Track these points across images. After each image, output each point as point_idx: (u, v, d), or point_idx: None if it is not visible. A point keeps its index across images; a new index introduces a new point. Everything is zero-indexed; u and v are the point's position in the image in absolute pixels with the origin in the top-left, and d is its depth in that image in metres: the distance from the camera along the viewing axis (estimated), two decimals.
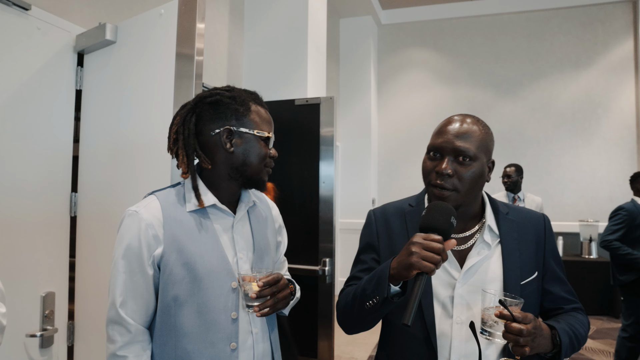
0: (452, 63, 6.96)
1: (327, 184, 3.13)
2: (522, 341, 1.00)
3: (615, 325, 5.15)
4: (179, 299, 1.16)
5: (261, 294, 1.16)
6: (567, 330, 1.12)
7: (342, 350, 4.39)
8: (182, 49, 1.66)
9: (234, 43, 3.85)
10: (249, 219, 1.34)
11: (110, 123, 1.88)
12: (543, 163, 6.47)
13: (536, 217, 1.28)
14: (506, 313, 1.01)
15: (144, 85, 1.80)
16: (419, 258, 0.99)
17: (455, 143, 1.14)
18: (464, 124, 1.16)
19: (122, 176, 1.83)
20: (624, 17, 6.36)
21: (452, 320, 1.15)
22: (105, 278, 1.85)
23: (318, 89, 3.94)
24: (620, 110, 6.28)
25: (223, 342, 1.18)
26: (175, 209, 1.22)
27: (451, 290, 1.16)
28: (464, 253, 1.19)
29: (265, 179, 1.28)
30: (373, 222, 1.31)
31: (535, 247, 1.23)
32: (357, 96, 6.80)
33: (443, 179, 1.13)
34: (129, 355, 1.15)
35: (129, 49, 1.85)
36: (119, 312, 1.16)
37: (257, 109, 1.28)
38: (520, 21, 6.71)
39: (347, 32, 6.95)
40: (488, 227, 1.20)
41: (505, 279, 1.16)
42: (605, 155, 6.30)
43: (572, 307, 1.24)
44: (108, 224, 1.83)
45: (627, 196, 6.15)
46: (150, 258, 1.17)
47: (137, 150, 1.78)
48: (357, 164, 6.72)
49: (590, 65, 6.42)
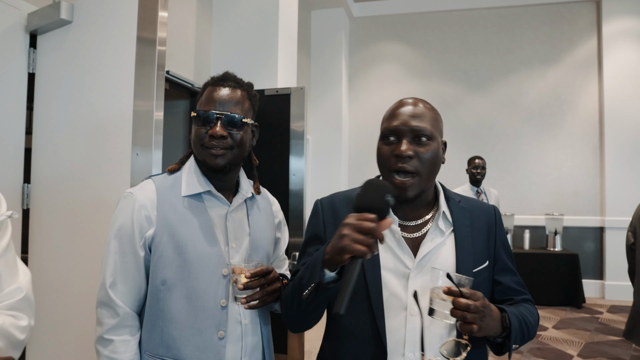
0: (424, 57, 6.98)
1: (297, 176, 3.07)
2: (469, 317, 0.97)
3: (578, 316, 5.30)
4: (168, 282, 1.14)
5: (249, 286, 1.13)
6: (517, 315, 1.11)
7: (312, 345, 4.34)
8: (144, 33, 1.56)
9: (202, 31, 3.72)
10: (247, 210, 1.30)
11: (67, 109, 1.76)
12: (511, 157, 6.58)
13: (487, 208, 1.27)
14: (455, 289, 0.99)
15: (103, 70, 1.69)
16: (350, 240, 0.93)
17: (412, 123, 1.11)
18: (417, 105, 1.14)
19: (79, 166, 1.71)
20: (588, 16, 6.51)
21: (407, 312, 1.09)
22: (62, 276, 1.73)
23: (289, 80, 3.85)
24: (585, 106, 6.44)
25: (211, 329, 1.15)
26: (170, 192, 1.20)
27: (405, 281, 1.11)
28: (418, 241, 1.15)
29: (210, 162, 1.19)
30: (320, 212, 1.25)
31: (487, 236, 1.21)
32: (329, 89, 6.74)
33: (404, 161, 1.09)
34: (116, 339, 1.12)
35: (86, 29, 1.73)
36: (108, 293, 1.14)
37: (208, 91, 1.24)
38: (491, 17, 6.78)
39: (319, 24, 6.87)
40: (442, 214, 1.17)
41: (457, 265, 1.14)
42: (571, 150, 6.45)
43: (522, 298, 1.23)
44: (64, 216, 1.71)
45: (591, 191, 6.35)
46: (141, 239, 1.16)
47: (96, 138, 1.67)
48: (328, 157, 6.67)
49: (557, 62, 6.55)
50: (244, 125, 1.22)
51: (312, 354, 4.35)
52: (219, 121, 1.18)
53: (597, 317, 5.28)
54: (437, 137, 1.13)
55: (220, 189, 1.25)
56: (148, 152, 1.55)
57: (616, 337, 4.59)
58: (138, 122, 1.58)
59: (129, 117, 1.60)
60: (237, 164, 1.25)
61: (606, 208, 6.17)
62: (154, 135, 1.57)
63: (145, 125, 1.57)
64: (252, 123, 1.28)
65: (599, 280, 6.26)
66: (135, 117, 1.57)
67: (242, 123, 1.21)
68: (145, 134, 1.57)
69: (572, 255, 5.76)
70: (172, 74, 2.89)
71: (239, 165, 1.28)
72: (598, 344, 4.41)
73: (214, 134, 1.17)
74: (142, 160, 1.57)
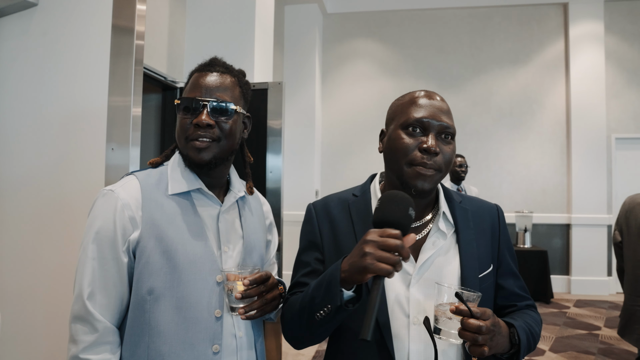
0: (397, 55, 6.99)
1: (274, 174, 3.01)
2: (480, 340, 0.89)
3: (547, 311, 5.43)
4: (155, 291, 1.01)
5: (247, 294, 1.01)
6: (525, 329, 1.05)
7: (288, 346, 4.27)
8: (119, 21, 1.45)
9: (175, 21, 3.57)
10: (239, 211, 1.18)
11: (33, 99, 1.62)
12: (483, 156, 6.68)
13: (489, 207, 1.20)
14: (463, 308, 0.90)
15: (74, 58, 1.57)
16: (374, 259, 0.85)
17: (442, 118, 1.04)
18: (443, 100, 1.08)
19: (47, 163, 1.58)
20: (556, 19, 6.67)
21: (409, 321, 1.03)
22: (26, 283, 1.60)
23: (265, 75, 3.76)
24: (553, 106, 6.60)
25: (204, 343, 1.03)
26: (156, 190, 1.07)
27: (406, 287, 1.04)
28: (418, 244, 1.08)
29: (193, 157, 1.07)
30: (314, 217, 1.17)
31: (491, 238, 1.15)
32: (302, 85, 6.66)
33: (430, 157, 1.02)
34: (93, 358, 0.98)
35: (53, 13, 1.59)
36: (86, 306, 0.99)
37: (194, 78, 1.13)
38: (463, 16, 6.85)
39: (292, 20, 6.77)
40: (443, 215, 1.10)
41: (462, 271, 1.06)
42: (540, 149, 6.60)
43: (526, 304, 1.17)
44: (29, 216, 1.57)
45: (558, 189, 6.52)
46: (125, 243, 1.02)
47: (66, 132, 1.54)
48: (300, 155, 6.59)
49: (527, 62, 6.69)
50: (233, 114, 1.10)
51: (288, 355, 4.27)
52: (204, 109, 1.06)
53: (565, 312, 5.42)
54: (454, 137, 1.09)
55: (210, 187, 1.13)
56: (125, 149, 1.44)
57: (583, 331, 4.72)
58: (114, 118, 1.47)
59: (104, 110, 1.49)
60: (225, 158, 1.12)
61: (572, 205, 6.35)
62: (132, 132, 1.47)
63: (122, 122, 1.46)
64: (243, 113, 1.16)
65: (566, 275, 6.44)
66: (110, 113, 1.46)
67: (232, 111, 1.09)
68: (122, 130, 1.47)
69: (541, 252, 5.89)
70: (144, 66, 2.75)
71: (228, 161, 1.15)
72: (567, 337, 4.52)
73: (199, 123, 1.05)
74: (119, 156, 1.45)
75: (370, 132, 6.70)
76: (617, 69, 6.48)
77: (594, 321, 5.08)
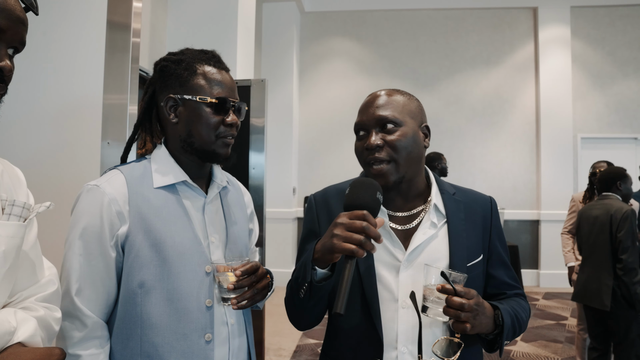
0: (373, 54, 7.09)
1: (257, 170, 3.05)
2: (463, 316, 0.98)
3: None
4: (146, 284, 1.03)
5: (239, 284, 1.04)
6: (510, 312, 1.11)
7: (269, 341, 4.30)
8: (115, 17, 1.47)
9: (156, 17, 3.55)
10: (221, 201, 1.22)
11: (25, 91, 1.61)
12: (457, 154, 6.85)
13: (483, 199, 1.26)
14: (448, 287, 0.99)
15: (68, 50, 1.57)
16: (340, 240, 0.92)
17: (375, 113, 1.11)
18: (382, 96, 1.14)
19: (42, 160, 1.58)
20: (526, 22, 6.90)
21: (398, 305, 1.10)
22: None
23: (247, 72, 3.78)
24: (524, 106, 6.83)
25: (196, 333, 1.06)
26: (141, 184, 1.09)
27: (395, 273, 1.11)
28: (409, 233, 1.14)
29: (222, 152, 1.14)
30: (314, 207, 1.24)
31: (482, 229, 1.20)
32: (279, 83, 6.68)
33: (374, 152, 1.09)
34: (83, 353, 1.00)
35: (48, 9, 1.59)
36: (74, 302, 1.01)
37: (205, 71, 1.14)
38: (439, 18, 7.01)
39: (270, 17, 6.79)
40: (434, 207, 1.16)
41: (451, 259, 1.13)
42: (511, 147, 6.83)
43: (515, 293, 1.23)
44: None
45: (528, 186, 6.75)
46: (112, 238, 1.04)
47: (60, 125, 1.55)
48: (278, 152, 6.62)
49: (499, 64, 6.90)
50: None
51: (270, 350, 4.30)
52: (232, 109, 1.14)
53: (535, 304, 5.64)
54: (407, 122, 1.11)
55: (195, 178, 1.16)
56: (121, 147, 1.45)
57: (551, 321, 4.94)
58: (109, 115, 1.48)
59: (99, 104, 1.50)
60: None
61: (542, 202, 6.59)
62: (128, 130, 1.49)
63: (118, 119, 1.48)
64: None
65: (535, 269, 6.68)
66: (106, 110, 1.47)
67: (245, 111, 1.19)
68: (117, 128, 1.48)
69: (513, 247, 6.08)
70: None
71: None
72: (537, 328, 4.72)
73: (234, 124, 1.13)
74: (115, 152, 1.47)
75: (347, 130, 6.74)
76: (583, 72, 6.75)
77: (561, 312, 5.32)
